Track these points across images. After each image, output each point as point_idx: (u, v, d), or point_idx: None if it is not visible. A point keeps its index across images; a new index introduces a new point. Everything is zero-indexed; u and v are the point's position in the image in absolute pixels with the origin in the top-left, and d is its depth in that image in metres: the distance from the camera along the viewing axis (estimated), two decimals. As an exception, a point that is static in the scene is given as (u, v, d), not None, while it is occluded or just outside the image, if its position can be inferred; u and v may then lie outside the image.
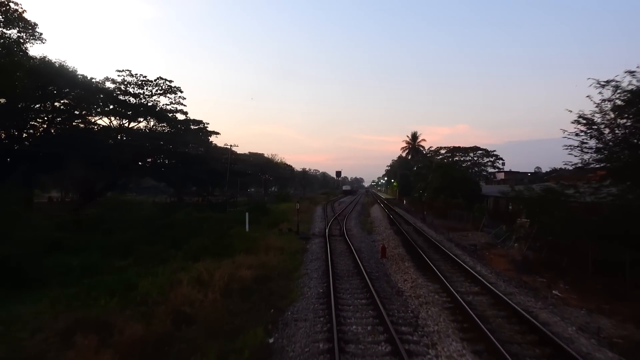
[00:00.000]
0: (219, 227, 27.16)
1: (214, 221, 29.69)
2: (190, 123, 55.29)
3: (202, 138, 59.58)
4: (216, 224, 28.50)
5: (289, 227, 32.05)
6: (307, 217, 44.02)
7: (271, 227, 33.46)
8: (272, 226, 34.20)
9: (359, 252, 21.71)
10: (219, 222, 29.61)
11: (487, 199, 52.21)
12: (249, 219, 36.59)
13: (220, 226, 27.63)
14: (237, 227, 29.01)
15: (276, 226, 33.98)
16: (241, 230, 27.65)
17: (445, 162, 64.07)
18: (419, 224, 36.93)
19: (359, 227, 36.12)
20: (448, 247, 24.13)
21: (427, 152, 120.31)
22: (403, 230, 31.16)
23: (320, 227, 34.01)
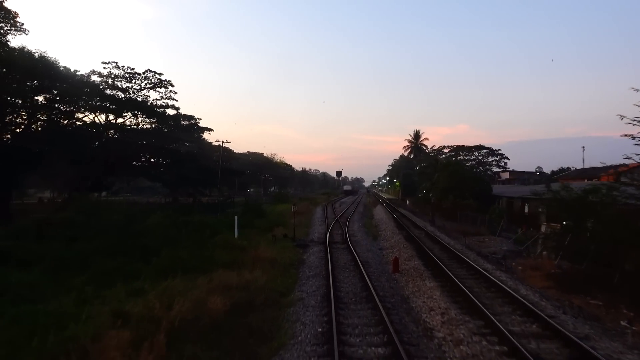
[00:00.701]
0: (202, 233, 23.23)
1: (199, 226, 25.75)
2: (181, 118, 51.34)
3: (193, 135, 55.55)
4: (200, 229, 24.56)
5: (285, 232, 28.13)
6: (306, 219, 40.11)
7: (265, 232, 29.53)
8: (267, 231, 30.27)
9: (366, 264, 17.81)
10: (203, 227, 25.69)
11: (498, 200, 48.25)
12: (240, 223, 32.74)
13: (203, 233, 23.69)
14: (225, 233, 25.12)
15: (271, 231, 30.06)
16: (229, 236, 23.72)
17: (452, 161, 60.25)
18: (430, 228, 32.96)
19: (362, 231, 32.19)
20: (472, 258, 20.19)
21: (430, 151, 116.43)
22: (414, 235, 27.23)
23: (320, 232, 30.08)
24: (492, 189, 51.32)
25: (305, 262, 19.00)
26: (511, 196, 44.33)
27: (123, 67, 48.10)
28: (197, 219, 31.16)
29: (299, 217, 41.40)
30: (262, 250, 19.60)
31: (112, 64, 47.92)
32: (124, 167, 50.92)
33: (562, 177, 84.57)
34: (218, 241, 20.83)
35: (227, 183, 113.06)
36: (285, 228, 30.71)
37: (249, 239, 24.75)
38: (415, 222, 38.45)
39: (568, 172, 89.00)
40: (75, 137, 46.38)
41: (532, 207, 38.81)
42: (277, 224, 32.89)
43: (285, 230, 29.28)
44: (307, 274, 16.10)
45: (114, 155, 49.36)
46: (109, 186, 61.21)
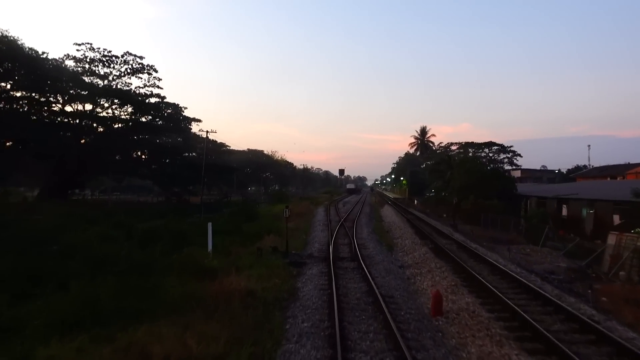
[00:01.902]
0: (158, 248, 16.80)
1: (161, 235, 19.28)
2: (163, 106, 44.84)
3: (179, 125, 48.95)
4: (157, 240, 18.09)
5: (277, 242, 21.68)
6: (306, 223, 33.70)
7: (254, 241, 23.15)
8: (256, 238, 23.89)
9: (390, 302, 11.46)
10: (168, 237, 19.30)
11: (525, 200, 41.71)
12: (224, 229, 26.40)
13: (163, 246, 17.30)
14: (196, 246, 18.73)
15: (260, 239, 23.68)
16: (200, 252, 17.28)
17: (470, 157, 53.68)
18: (458, 236, 26.46)
19: (373, 239, 25.74)
20: (539, 284, 13.75)
21: (437, 148, 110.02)
22: (441, 246, 20.78)
23: (321, 241, 23.65)
24: (516, 188, 44.77)
25: (297, 295, 12.57)
26: (543, 196, 37.76)
27: (98, 49, 41.73)
28: (170, 225, 24.81)
29: (298, 220, 35.02)
30: (236, 278, 13.21)
31: (85, 46, 41.57)
32: (100, 162, 44.58)
33: (580, 175, 77.88)
34: (178, 261, 14.39)
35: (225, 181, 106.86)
36: (279, 235, 24.38)
37: (226, 255, 18.39)
38: (435, 225, 31.98)
39: (587, 170, 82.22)
40: (44, 129, 40.16)
41: (574, 209, 32.31)
42: (270, 229, 26.39)
43: (280, 238, 22.99)
44: (297, 328, 9.62)
45: (89, 149, 43.06)
46: (83, 184, 54.92)
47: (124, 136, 46.29)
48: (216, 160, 70.78)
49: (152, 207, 59.67)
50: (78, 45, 41.88)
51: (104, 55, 41.85)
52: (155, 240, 18.49)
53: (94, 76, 44.47)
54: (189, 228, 27.13)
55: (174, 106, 43.84)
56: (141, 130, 44.85)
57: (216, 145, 78.45)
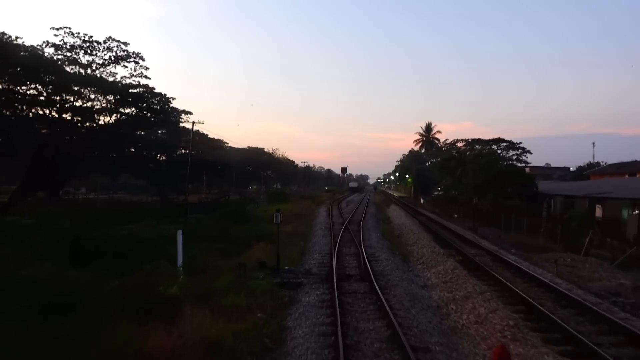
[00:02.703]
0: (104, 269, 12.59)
1: (110, 251, 15.01)
2: (149, 96, 40.62)
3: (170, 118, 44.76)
4: (103, 259, 13.85)
5: (268, 253, 17.55)
6: (305, 226, 29.59)
7: (239, 251, 19.06)
8: (243, 247, 19.81)
9: (425, 356, 7.35)
10: (128, 253, 15.13)
11: (548, 199, 37.47)
12: (209, 235, 22.35)
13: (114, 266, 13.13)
14: (166, 260, 14.57)
15: (249, 248, 19.58)
16: (166, 270, 13.12)
17: (484, 151, 49.39)
18: (486, 244, 22.22)
19: (384, 246, 21.57)
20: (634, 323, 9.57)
21: (443, 145, 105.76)
22: (472, 258, 16.60)
23: (322, 250, 19.45)
24: (537, 186, 40.50)
25: (286, 344, 8.39)
26: (571, 195, 33.46)
27: (78, 34, 37.61)
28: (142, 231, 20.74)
29: (297, 223, 30.91)
30: (201, 316, 9.06)
31: (64, 30, 37.47)
32: (83, 159, 40.52)
33: (595, 172, 73.44)
34: (120, 290, 10.23)
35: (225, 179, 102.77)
36: (273, 242, 20.28)
37: (200, 272, 14.27)
38: (452, 229, 27.78)
39: (601, 167, 77.49)
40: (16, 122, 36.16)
41: (611, 210, 28.05)
42: (262, 235, 22.13)
43: (273, 246, 18.93)
44: None
45: (66, 144, 39.00)
46: (63, 183, 50.87)
47: (107, 130, 42.19)
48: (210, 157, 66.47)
49: (142, 207, 55.68)
50: (56, 30, 37.80)
51: (85, 41, 37.74)
52: (110, 254, 14.34)
53: (75, 65, 40.42)
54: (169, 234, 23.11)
55: (160, 96, 39.90)
56: (125, 123, 40.68)
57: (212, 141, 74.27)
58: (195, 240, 21.91)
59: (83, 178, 78.23)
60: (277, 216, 14.73)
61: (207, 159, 67.62)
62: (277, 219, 14.77)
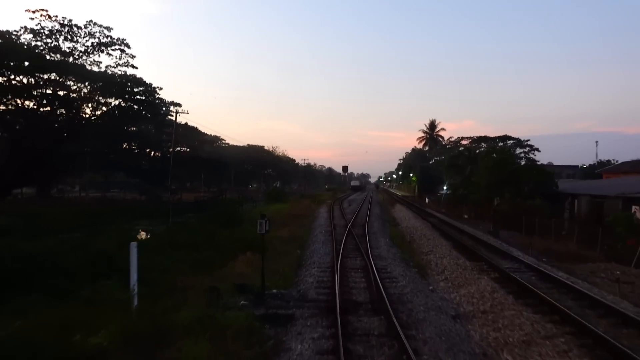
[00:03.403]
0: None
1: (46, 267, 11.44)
2: (132, 85, 36.94)
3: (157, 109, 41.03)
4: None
5: (254, 268, 14.00)
6: (303, 229, 26.00)
7: (221, 263, 15.51)
8: (226, 258, 16.25)
9: None
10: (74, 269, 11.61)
11: (571, 199, 33.81)
12: (190, 242, 18.83)
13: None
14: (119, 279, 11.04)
15: (234, 259, 16.01)
16: (110, 296, 9.57)
17: (498, 147, 45.58)
18: (519, 254, 18.58)
19: (396, 256, 17.96)
20: None
21: (447, 143, 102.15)
22: (511, 274, 13.03)
23: (322, 263, 15.81)
24: (557, 184, 36.82)
25: None
26: (601, 195, 29.77)
27: (56, 17, 34.02)
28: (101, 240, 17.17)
29: (294, 225, 27.30)
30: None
31: (40, 13, 33.88)
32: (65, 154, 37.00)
33: (608, 170, 69.71)
34: (13, 341, 6.67)
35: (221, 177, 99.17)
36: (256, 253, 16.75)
37: (159, 296, 10.70)
38: (472, 233, 24.16)
39: (615, 165, 73.78)
40: None
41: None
42: (252, 242, 18.43)
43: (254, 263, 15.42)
44: None
45: (46, 137, 35.46)
46: (50, 180, 47.42)
47: (93, 123, 38.63)
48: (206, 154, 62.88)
49: (131, 206, 52.20)
50: (32, 13, 34.18)
51: (63, 25, 34.16)
52: (44, 274, 10.76)
53: (57, 53, 36.87)
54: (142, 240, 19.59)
55: (146, 86, 36.21)
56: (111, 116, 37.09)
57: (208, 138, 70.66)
58: (173, 247, 18.41)
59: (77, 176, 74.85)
60: (262, 224, 11.02)
61: (203, 156, 64.08)
62: (261, 228, 11.07)
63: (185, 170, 79.64)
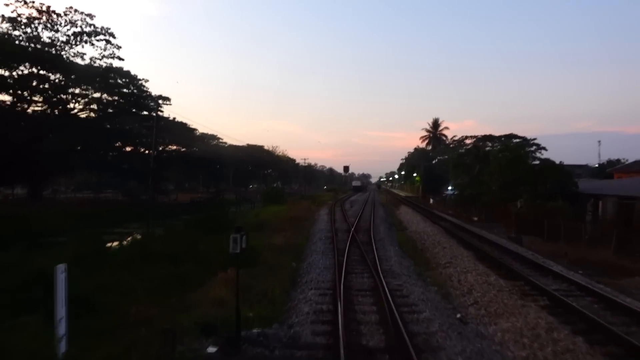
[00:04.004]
0: None
1: None
2: (116, 75, 33.88)
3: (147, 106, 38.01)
4: None
5: (240, 285, 11.04)
6: (301, 235, 22.95)
7: (194, 284, 12.55)
8: (204, 276, 13.26)
9: None
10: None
11: (594, 201, 30.74)
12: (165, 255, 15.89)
13: None
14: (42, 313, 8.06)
15: (213, 277, 12.99)
16: (34, 337, 6.62)
17: (511, 144, 42.44)
18: (558, 268, 15.53)
19: (410, 270, 14.98)
20: None
21: (450, 142, 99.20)
22: (563, 299, 10.03)
23: (320, 282, 12.68)
24: (577, 184, 33.77)
25: None
26: (631, 195, 26.67)
27: (32, 2, 31.06)
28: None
29: (291, 231, 24.20)
30: None
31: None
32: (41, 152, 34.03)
33: (619, 170, 66.52)
34: None
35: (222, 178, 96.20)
36: (253, 266, 13.81)
37: (105, 334, 7.73)
38: (494, 240, 21.10)
39: (627, 164, 70.55)
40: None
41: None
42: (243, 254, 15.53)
43: (251, 273, 12.50)
44: None
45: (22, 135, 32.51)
46: (40, 180, 44.52)
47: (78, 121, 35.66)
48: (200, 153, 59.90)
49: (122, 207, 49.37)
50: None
51: (41, 11, 31.23)
52: None
53: (37, 43, 33.92)
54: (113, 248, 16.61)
55: (131, 77, 33.15)
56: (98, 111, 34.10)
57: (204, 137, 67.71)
58: (146, 259, 15.43)
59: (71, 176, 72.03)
60: (237, 241, 7.90)
61: (200, 156, 61.12)
62: (235, 246, 7.94)
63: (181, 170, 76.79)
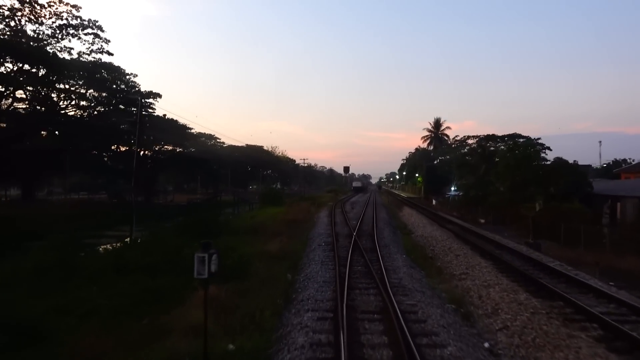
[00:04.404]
0: None
1: None
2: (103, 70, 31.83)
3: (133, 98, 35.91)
4: None
5: (220, 309, 9.07)
6: (298, 241, 20.93)
7: (176, 299, 10.59)
8: (186, 290, 11.28)
9: None
10: None
11: (612, 203, 28.76)
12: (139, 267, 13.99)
13: None
14: None
15: (192, 293, 10.99)
16: None
17: (521, 142, 40.43)
18: (595, 282, 13.50)
19: (422, 282, 13.00)
20: None
21: (452, 142, 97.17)
22: (619, 326, 8.05)
23: (318, 302, 10.57)
24: (591, 185, 31.79)
25: None
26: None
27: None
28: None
29: (287, 235, 22.14)
30: None
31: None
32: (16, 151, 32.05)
33: (627, 170, 64.52)
34: None
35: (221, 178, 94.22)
36: (241, 280, 11.91)
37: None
38: (512, 247, 19.12)
39: (636, 163, 68.69)
40: None
41: None
42: (225, 266, 13.47)
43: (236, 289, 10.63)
44: None
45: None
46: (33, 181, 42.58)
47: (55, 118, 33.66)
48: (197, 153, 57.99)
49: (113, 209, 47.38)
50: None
51: (23, 2, 29.20)
52: None
53: (22, 37, 31.97)
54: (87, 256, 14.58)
55: (118, 71, 31.07)
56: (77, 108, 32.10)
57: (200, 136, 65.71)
58: (120, 271, 13.50)
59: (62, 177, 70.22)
60: (204, 262, 5.82)
61: (195, 156, 59.16)
62: (201, 269, 5.78)
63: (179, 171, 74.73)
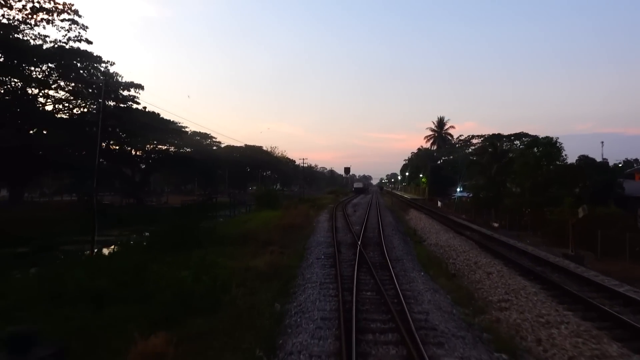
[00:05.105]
0: None
1: None
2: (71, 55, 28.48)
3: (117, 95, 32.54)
4: None
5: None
6: (293, 252, 17.49)
7: (113, 352, 7.18)
8: (132, 332, 7.84)
9: None
10: None
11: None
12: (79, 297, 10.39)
13: None
14: None
15: (142, 338, 7.54)
16: None
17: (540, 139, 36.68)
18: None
19: (456, 318, 9.60)
20: None
21: (457, 142, 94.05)
22: None
23: (314, 356, 7.38)
24: (622, 186, 28.39)
25: None
26: None
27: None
28: None
29: (278, 246, 18.79)
30: None
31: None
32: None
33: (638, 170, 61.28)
34: None
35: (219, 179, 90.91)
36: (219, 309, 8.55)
37: None
38: (552, 261, 15.74)
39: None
40: None
41: None
42: (193, 293, 10.08)
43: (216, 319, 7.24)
44: None
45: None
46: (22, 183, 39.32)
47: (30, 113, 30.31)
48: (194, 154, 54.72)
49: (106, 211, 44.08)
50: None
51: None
52: None
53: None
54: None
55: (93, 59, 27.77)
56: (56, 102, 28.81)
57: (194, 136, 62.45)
58: (57, 298, 10.16)
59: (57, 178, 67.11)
60: None
61: (189, 156, 55.87)
62: None
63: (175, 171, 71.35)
